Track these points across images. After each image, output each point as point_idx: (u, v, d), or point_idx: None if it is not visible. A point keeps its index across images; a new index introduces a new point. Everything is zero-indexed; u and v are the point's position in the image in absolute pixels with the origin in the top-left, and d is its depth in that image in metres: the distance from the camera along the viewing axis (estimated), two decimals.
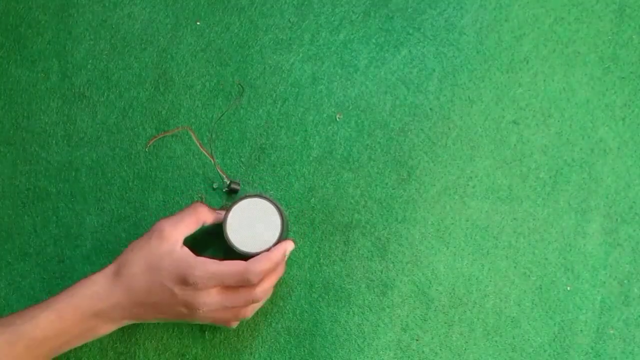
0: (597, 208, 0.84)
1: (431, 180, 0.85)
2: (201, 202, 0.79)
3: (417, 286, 0.83)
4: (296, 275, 0.84)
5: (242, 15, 0.88)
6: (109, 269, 0.71)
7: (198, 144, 0.86)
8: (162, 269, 0.70)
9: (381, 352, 0.82)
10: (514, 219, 0.84)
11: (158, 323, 0.84)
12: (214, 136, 0.86)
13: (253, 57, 0.87)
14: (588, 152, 0.85)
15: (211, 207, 0.79)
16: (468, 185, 0.85)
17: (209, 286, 0.71)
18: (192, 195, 0.85)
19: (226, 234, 0.77)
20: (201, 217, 0.75)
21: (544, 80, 0.86)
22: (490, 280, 0.83)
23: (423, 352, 0.82)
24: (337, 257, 0.84)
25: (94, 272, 0.72)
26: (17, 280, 0.84)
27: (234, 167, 0.85)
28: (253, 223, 0.77)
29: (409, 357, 0.82)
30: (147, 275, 0.70)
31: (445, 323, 0.83)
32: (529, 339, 0.82)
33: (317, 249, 0.84)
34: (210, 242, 0.83)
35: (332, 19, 0.87)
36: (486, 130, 0.86)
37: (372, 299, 0.83)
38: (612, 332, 0.82)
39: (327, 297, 0.83)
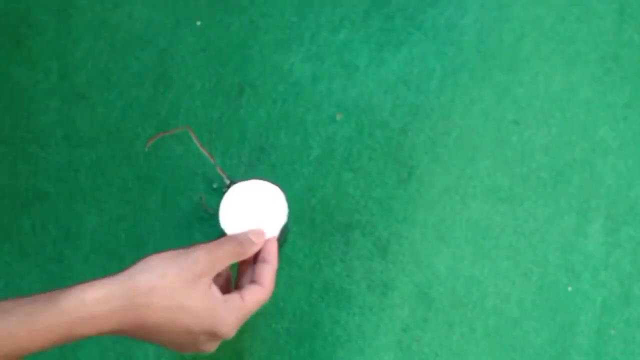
0: (598, 208, 0.84)
1: (432, 181, 0.85)
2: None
3: (418, 287, 0.83)
4: (296, 275, 0.83)
5: (242, 15, 0.88)
6: (121, 288, 0.57)
7: (198, 144, 0.86)
8: (192, 313, 0.58)
9: (382, 353, 0.82)
10: (515, 219, 0.84)
11: None
12: (214, 136, 0.86)
13: (253, 57, 0.87)
14: (589, 152, 0.85)
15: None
16: (469, 185, 0.84)
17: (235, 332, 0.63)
18: (192, 195, 0.85)
19: (221, 221, 0.67)
20: (243, 252, 0.63)
21: (545, 80, 0.86)
22: (491, 281, 0.83)
23: (423, 352, 0.82)
24: (337, 257, 0.84)
25: (93, 276, 0.59)
26: (16, 280, 0.84)
27: (234, 167, 0.85)
28: (254, 209, 0.67)
29: (409, 358, 0.82)
30: (171, 313, 0.58)
31: (446, 323, 0.82)
32: (529, 340, 0.82)
33: (317, 249, 0.84)
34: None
35: (333, 18, 0.87)
36: (487, 130, 0.85)
37: (372, 299, 0.83)
38: (613, 332, 0.82)
39: (327, 297, 0.83)
